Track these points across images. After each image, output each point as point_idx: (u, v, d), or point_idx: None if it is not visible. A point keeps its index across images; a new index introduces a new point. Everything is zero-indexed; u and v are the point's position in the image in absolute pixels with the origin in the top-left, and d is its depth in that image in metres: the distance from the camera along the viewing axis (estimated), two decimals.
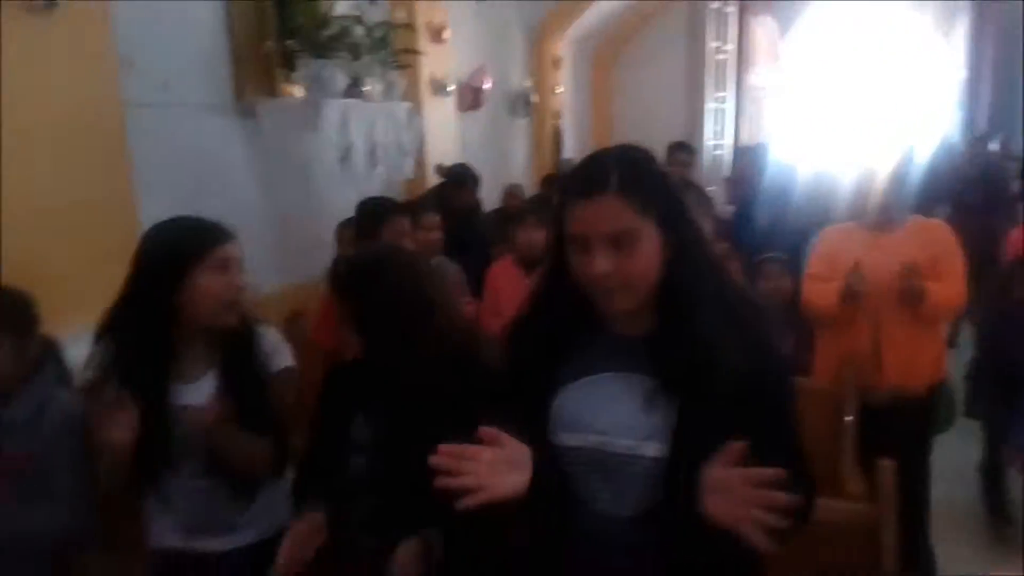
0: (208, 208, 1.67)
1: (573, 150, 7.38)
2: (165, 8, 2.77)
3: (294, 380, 1.70)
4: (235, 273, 1.59)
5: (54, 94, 2.20)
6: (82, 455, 1.61)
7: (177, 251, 1.55)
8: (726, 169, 7.53)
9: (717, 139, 8.52)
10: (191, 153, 2.92)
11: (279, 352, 1.70)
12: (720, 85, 8.46)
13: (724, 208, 4.87)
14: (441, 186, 4.28)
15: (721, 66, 8.42)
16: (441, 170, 4.43)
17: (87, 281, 2.02)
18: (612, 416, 1.15)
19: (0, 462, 1.54)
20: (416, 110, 4.37)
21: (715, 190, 5.59)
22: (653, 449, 1.11)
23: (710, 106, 8.46)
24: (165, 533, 1.65)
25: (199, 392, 1.58)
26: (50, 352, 1.76)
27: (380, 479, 1.48)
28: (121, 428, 1.42)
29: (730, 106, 8.53)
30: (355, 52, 3.40)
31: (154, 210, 1.82)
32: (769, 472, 0.96)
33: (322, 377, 1.69)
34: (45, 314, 1.72)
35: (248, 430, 1.56)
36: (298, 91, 3.31)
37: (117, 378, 1.51)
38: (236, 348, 1.62)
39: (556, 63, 7.15)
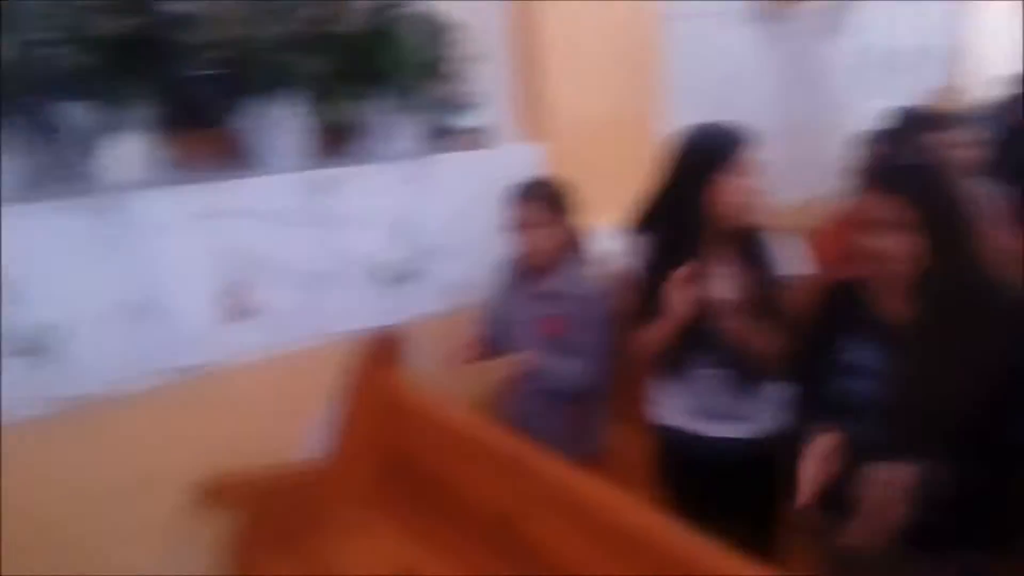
0: (731, 115, 1.74)
1: None
2: None
3: (805, 287, 1.71)
4: (755, 177, 1.66)
5: (600, 11, 2.46)
6: (602, 324, 1.91)
7: (707, 154, 1.66)
8: None
9: None
10: (719, 61, 3.00)
11: (794, 258, 1.74)
12: None
13: None
14: (1009, 99, 3.62)
15: None
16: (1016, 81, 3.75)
17: (613, 182, 2.27)
18: None
19: (543, 323, 1.90)
20: (962, 10, 3.75)
21: None
22: None
23: None
24: (674, 414, 1.83)
25: (719, 287, 1.68)
26: (579, 239, 2.04)
27: (884, 406, 1.39)
28: (683, 303, 1.62)
29: None
30: None
31: (684, 116, 1.93)
32: None
33: (818, 295, 1.65)
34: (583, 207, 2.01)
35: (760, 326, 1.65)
36: None
37: (650, 268, 1.70)
38: (752, 248, 1.70)
39: None
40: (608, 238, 2.13)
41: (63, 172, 1.64)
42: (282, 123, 1.88)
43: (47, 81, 1.55)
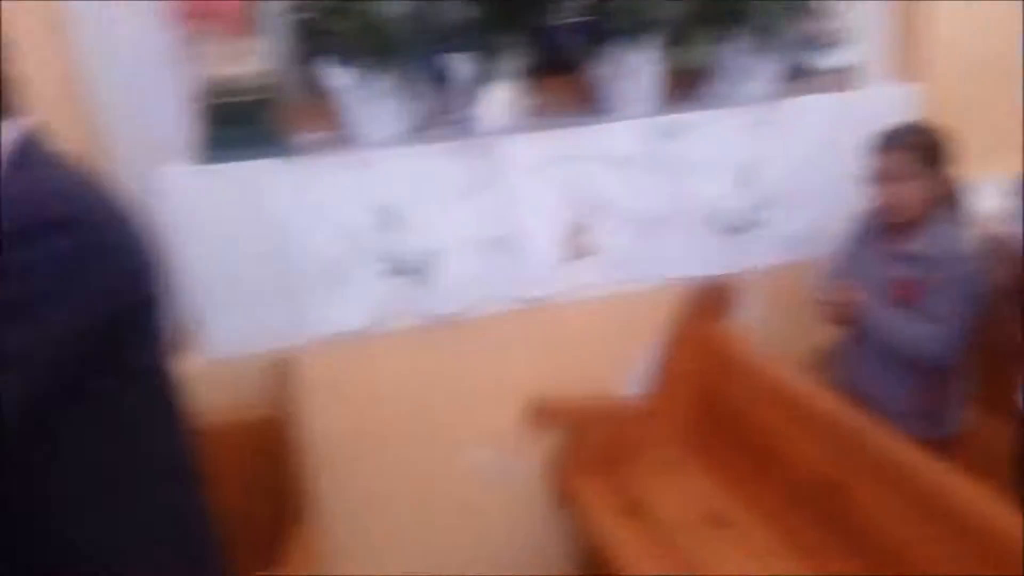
0: None
1: None
2: None
3: None
4: None
5: None
6: (969, 293, 1.67)
7: None
8: None
9: None
10: None
11: None
12: None
13: None
14: None
15: None
16: None
17: (1006, 130, 1.93)
18: None
19: (898, 286, 1.71)
20: None
21: None
22: None
23: None
24: None
25: None
26: (955, 194, 1.78)
27: None
28: None
29: None
30: None
31: None
32: None
33: None
34: (962, 158, 1.75)
35: None
36: None
37: None
38: None
39: None
40: (995, 195, 1.83)
41: (444, 118, 1.86)
42: (635, 69, 1.92)
43: (434, 35, 1.75)
